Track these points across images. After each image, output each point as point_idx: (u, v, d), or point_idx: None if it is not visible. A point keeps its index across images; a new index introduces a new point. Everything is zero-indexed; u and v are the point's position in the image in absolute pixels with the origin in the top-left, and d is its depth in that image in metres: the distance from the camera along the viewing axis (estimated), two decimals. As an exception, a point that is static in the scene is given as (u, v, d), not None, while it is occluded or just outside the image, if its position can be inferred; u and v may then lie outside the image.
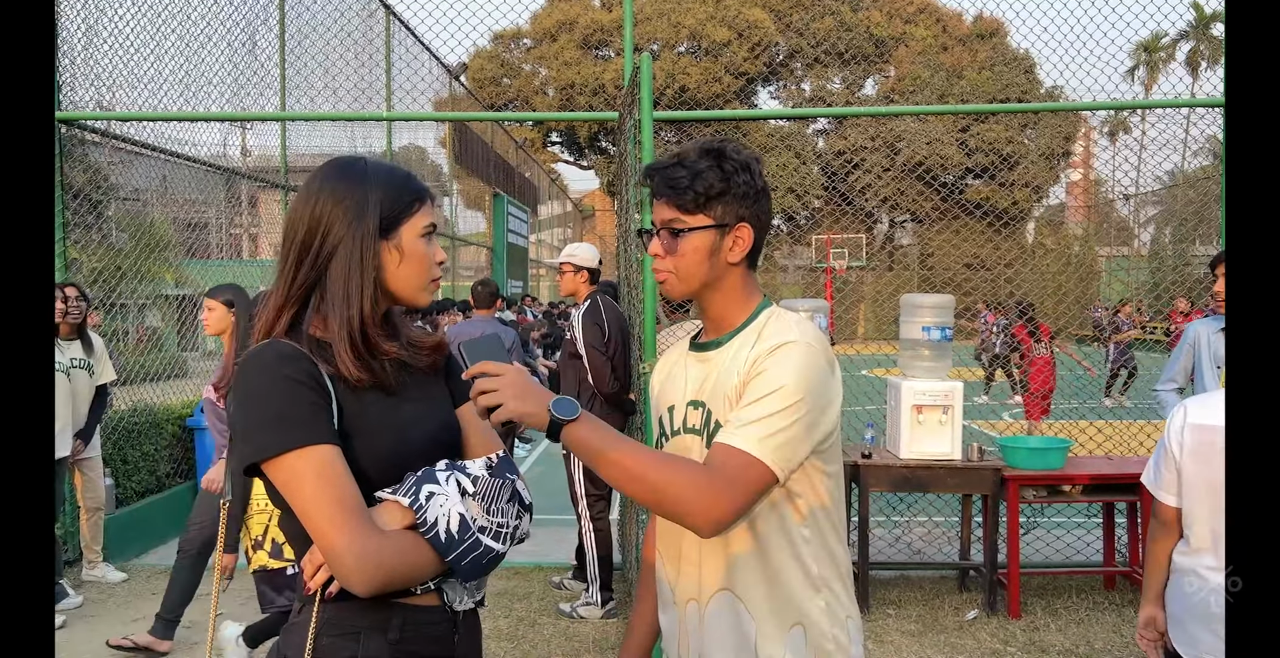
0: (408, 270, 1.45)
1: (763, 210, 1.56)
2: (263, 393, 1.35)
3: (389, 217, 1.44)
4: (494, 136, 18.02)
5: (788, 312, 1.59)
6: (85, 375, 5.08)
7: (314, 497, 1.31)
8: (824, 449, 1.50)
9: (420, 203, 1.48)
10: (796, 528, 1.50)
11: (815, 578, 1.51)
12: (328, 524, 1.30)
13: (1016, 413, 12.35)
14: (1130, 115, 33.95)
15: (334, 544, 1.30)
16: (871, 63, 30.93)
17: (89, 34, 5.94)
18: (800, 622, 1.50)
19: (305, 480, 1.31)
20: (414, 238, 1.46)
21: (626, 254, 5.11)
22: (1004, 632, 4.36)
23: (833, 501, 1.54)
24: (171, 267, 10.98)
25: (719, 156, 1.53)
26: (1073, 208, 33.15)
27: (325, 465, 1.33)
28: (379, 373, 1.42)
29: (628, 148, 4.87)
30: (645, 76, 4.05)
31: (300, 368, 1.36)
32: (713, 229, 1.54)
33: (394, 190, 1.46)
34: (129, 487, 5.95)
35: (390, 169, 1.50)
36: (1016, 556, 4.63)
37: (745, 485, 1.40)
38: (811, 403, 1.44)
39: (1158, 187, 26.67)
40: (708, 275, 1.56)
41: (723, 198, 1.53)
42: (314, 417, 1.34)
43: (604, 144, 32.25)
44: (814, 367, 1.46)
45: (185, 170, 8.97)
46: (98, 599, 4.96)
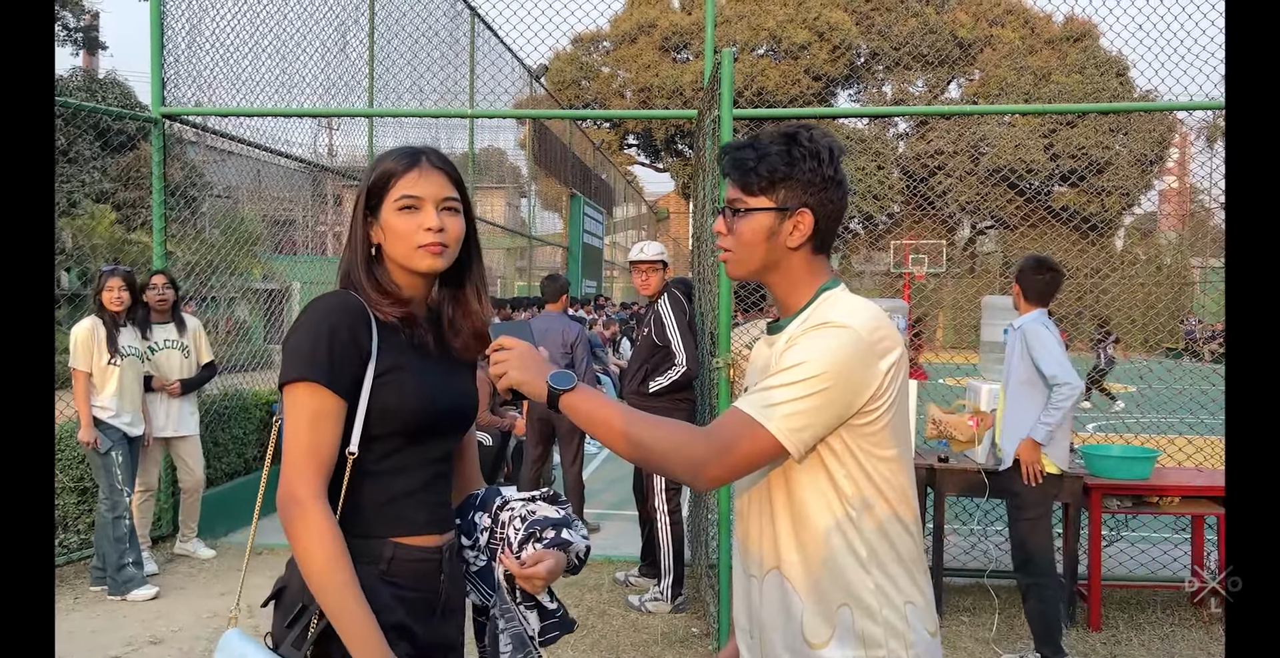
0: (393, 243, 1.59)
1: (830, 199, 1.54)
2: (301, 332, 1.53)
3: (372, 196, 1.61)
4: (572, 138, 18.21)
5: (850, 296, 1.57)
6: (179, 355, 5.39)
7: (296, 430, 1.48)
8: (869, 431, 1.48)
9: (397, 177, 1.59)
10: (844, 510, 1.49)
11: (865, 560, 1.49)
12: (298, 459, 1.48)
13: (1103, 426, 11.98)
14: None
15: (290, 474, 1.48)
16: (956, 65, 30.34)
17: (192, 33, 6.19)
18: (847, 603, 1.48)
19: (299, 412, 1.49)
20: (391, 213, 1.59)
21: (701, 253, 5.13)
22: (1083, 644, 4.25)
23: (892, 484, 1.51)
24: (260, 261, 11.37)
25: (790, 141, 1.53)
26: (1166, 216, 31.94)
27: (320, 408, 1.49)
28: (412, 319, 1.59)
29: (705, 145, 4.89)
30: (726, 73, 4.06)
31: (347, 322, 1.53)
32: (773, 212, 1.54)
33: (377, 173, 1.61)
34: (219, 468, 6.19)
35: (393, 151, 1.63)
36: (1098, 566, 4.50)
37: (741, 446, 1.43)
38: (834, 380, 1.43)
39: (1257, 194, 25.45)
40: (765, 258, 1.57)
41: (786, 182, 1.53)
42: (331, 364, 1.50)
43: (680, 147, 32.30)
44: (847, 348, 1.44)
45: (275, 169, 9.29)
46: (189, 573, 5.18)
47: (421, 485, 1.61)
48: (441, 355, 1.66)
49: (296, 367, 1.50)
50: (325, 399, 1.49)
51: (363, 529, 1.56)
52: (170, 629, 4.30)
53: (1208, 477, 4.74)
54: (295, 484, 1.47)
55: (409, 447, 1.59)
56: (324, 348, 1.49)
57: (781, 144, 1.54)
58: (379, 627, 1.46)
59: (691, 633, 4.34)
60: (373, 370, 1.53)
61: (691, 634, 4.32)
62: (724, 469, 1.45)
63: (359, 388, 1.53)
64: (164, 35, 5.92)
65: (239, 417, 6.44)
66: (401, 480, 1.59)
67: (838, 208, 1.56)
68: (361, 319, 1.54)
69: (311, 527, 1.46)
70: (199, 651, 4.05)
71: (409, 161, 1.60)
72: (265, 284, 12.38)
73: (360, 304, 1.56)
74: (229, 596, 4.78)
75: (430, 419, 1.59)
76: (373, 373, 1.53)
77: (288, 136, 7.83)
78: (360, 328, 1.54)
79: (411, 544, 1.59)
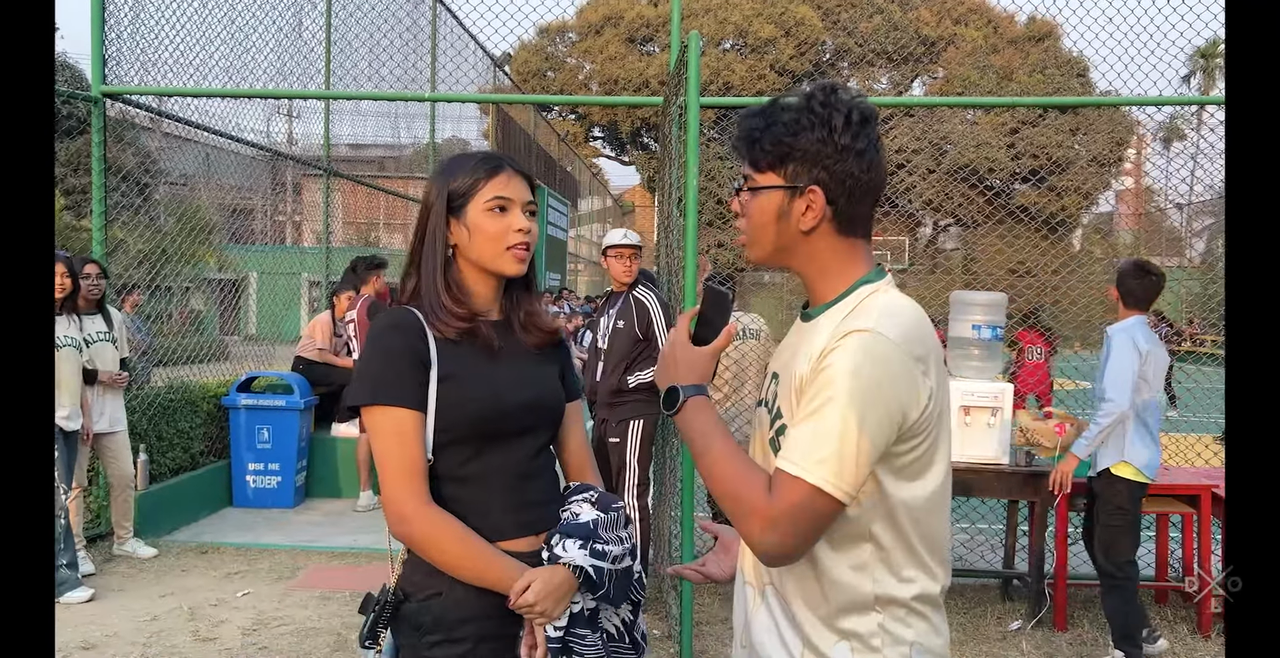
0: (479, 243, 1.62)
1: (848, 172, 1.33)
2: (369, 353, 1.60)
3: (456, 197, 1.63)
4: (536, 129, 17.99)
5: (889, 294, 1.36)
6: (111, 348, 5.16)
7: (385, 451, 1.55)
8: (902, 463, 1.30)
9: (485, 180, 1.62)
10: (853, 542, 1.32)
11: (870, 596, 1.33)
12: (392, 479, 1.55)
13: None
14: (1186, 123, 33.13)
15: (391, 496, 1.55)
16: (920, 63, 30.53)
17: (136, 9, 5.93)
18: (848, 639, 1.33)
19: (382, 435, 1.56)
20: (480, 213, 1.61)
21: (668, 243, 5.00)
22: (1049, 645, 4.19)
23: (911, 518, 1.33)
24: (215, 251, 11.08)
25: (803, 106, 1.34)
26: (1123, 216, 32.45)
27: (398, 426, 1.55)
28: (474, 332, 1.62)
29: (672, 132, 4.75)
30: (693, 57, 3.92)
31: (402, 338, 1.58)
32: (781, 190, 1.36)
33: (463, 172, 1.63)
34: (163, 463, 5.95)
35: (472, 154, 1.68)
36: (1064, 566, 4.45)
37: (803, 516, 1.24)
38: (871, 405, 1.24)
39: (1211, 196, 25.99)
40: (778, 242, 1.39)
41: (793, 155, 1.33)
42: (400, 382, 1.56)
43: (646, 140, 32.15)
44: (878, 362, 1.25)
45: (231, 156, 9.02)
46: (128, 574, 4.96)
47: (509, 488, 1.62)
48: (514, 354, 1.67)
49: (366, 391, 1.57)
50: (399, 416, 1.55)
51: None
52: (105, 634, 4.08)
53: (1173, 475, 4.70)
54: (396, 503, 1.54)
55: (488, 449, 1.61)
56: (381, 365, 1.57)
57: (794, 111, 1.34)
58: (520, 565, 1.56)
59: (653, 634, 4.22)
60: (435, 377, 1.58)
61: (653, 636, 4.20)
62: (795, 547, 1.26)
63: (427, 397, 1.58)
64: (105, 10, 5.66)
65: (185, 410, 6.20)
66: (485, 486, 1.61)
67: (861, 182, 1.34)
68: (415, 331, 1.59)
69: (428, 532, 1.54)
70: (134, 656, 3.84)
71: (495, 164, 1.64)
72: (221, 274, 12.06)
73: (414, 318, 1.60)
74: (170, 597, 4.57)
75: (498, 417, 1.61)
76: (436, 379, 1.58)
77: (240, 122, 7.57)
78: (415, 339, 1.58)
79: (508, 550, 1.59)
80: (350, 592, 4.69)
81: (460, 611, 1.56)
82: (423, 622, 1.57)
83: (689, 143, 3.92)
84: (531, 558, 1.59)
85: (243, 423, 6.47)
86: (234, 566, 5.16)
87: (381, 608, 1.59)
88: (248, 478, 6.49)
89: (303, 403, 6.52)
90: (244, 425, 6.47)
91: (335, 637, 4.09)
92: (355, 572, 5.08)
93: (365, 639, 1.59)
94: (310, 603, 4.54)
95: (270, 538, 5.72)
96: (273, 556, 5.36)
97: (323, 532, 5.89)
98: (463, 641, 1.56)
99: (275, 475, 6.49)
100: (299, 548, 5.51)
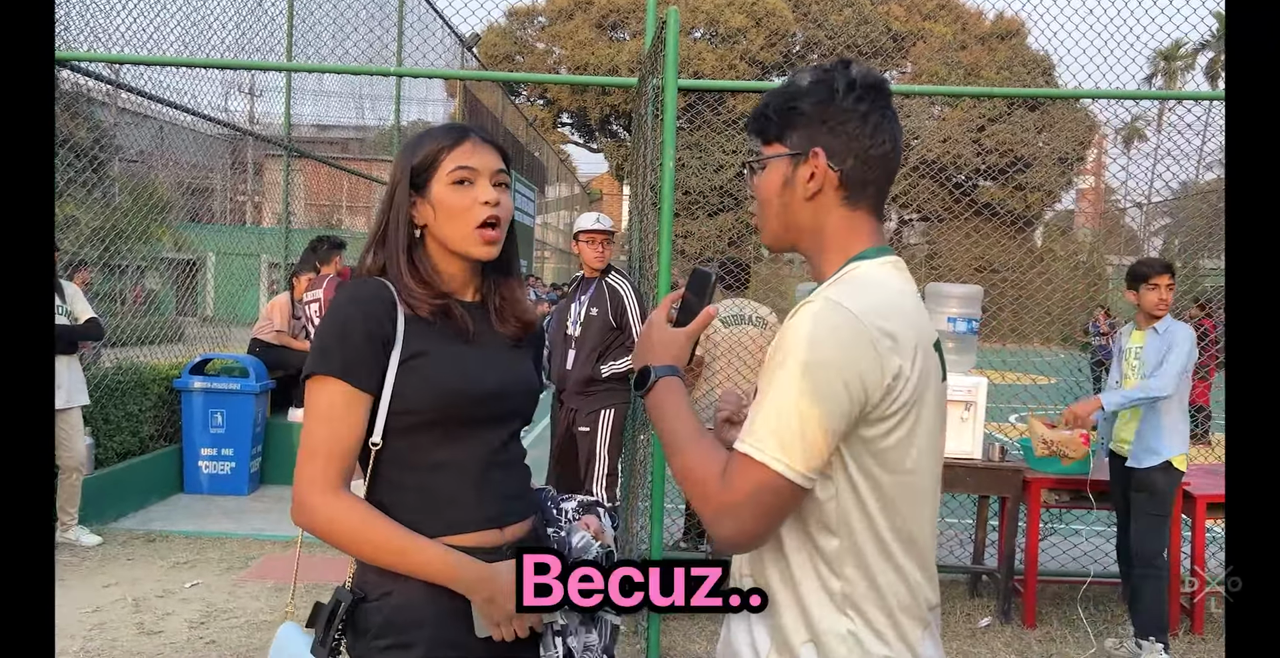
0: (444, 221, 1.48)
1: (853, 134, 1.27)
2: (326, 323, 1.46)
3: (419, 172, 1.49)
4: (504, 112, 17.74)
5: (880, 271, 1.28)
6: (65, 321, 4.91)
7: (309, 428, 1.42)
8: (878, 447, 1.21)
9: (448, 150, 1.49)
10: (818, 537, 1.23)
11: (839, 598, 1.23)
12: (305, 458, 1.41)
13: (1020, 418, 12.16)
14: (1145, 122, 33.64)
15: (298, 475, 1.42)
16: (889, 58, 30.62)
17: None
18: (813, 641, 1.23)
19: (313, 409, 1.43)
20: (443, 188, 1.48)
21: (642, 228, 4.87)
22: (1019, 642, 4.15)
23: (886, 514, 1.23)
24: (171, 230, 10.76)
25: (807, 77, 1.30)
26: (1083, 214, 32.92)
27: (331, 401, 1.41)
28: (447, 311, 1.49)
29: (646, 113, 4.61)
30: (672, 34, 3.78)
31: (363, 311, 1.44)
32: (786, 159, 1.30)
33: (423, 146, 1.50)
34: (110, 447, 5.72)
35: (438, 127, 1.54)
36: (1035, 563, 4.41)
37: (761, 498, 1.16)
38: (823, 372, 1.15)
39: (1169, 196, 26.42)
40: (784, 216, 1.32)
41: (795, 121, 1.29)
42: (351, 356, 1.42)
43: (615, 128, 31.93)
44: (830, 330, 1.17)
45: (189, 134, 8.73)
46: (70, 563, 4.74)
47: (476, 478, 1.49)
48: (488, 339, 1.55)
49: (312, 360, 1.44)
50: (336, 391, 1.42)
51: (416, 527, 1.44)
52: (43, 626, 3.88)
53: (1143, 472, 4.67)
54: (299, 486, 1.42)
55: (454, 436, 1.48)
56: (336, 338, 1.43)
57: (801, 80, 1.30)
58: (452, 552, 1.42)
59: (619, 631, 4.11)
60: (397, 357, 1.44)
61: (619, 632, 4.09)
62: (751, 533, 1.18)
63: (384, 377, 1.44)
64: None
65: (134, 392, 5.96)
66: (449, 475, 1.48)
67: (867, 146, 1.27)
68: (384, 305, 1.45)
69: (327, 522, 1.41)
70: (74, 650, 3.65)
71: (458, 135, 1.51)
72: (178, 254, 11.75)
73: (386, 291, 1.47)
74: (114, 588, 4.38)
75: (467, 403, 1.48)
76: (397, 359, 1.44)
77: (198, 97, 7.30)
78: (382, 314, 1.45)
79: (468, 546, 1.45)
80: (305, 584, 4.50)
81: (412, 612, 1.43)
82: (371, 624, 1.45)
83: (665, 122, 3.79)
84: (492, 555, 1.45)
85: (195, 407, 6.25)
86: (183, 555, 4.96)
87: (332, 616, 1.45)
88: (200, 464, 6.27)
89: (258, 387, 6.31)
90: (197, 409, 6.25)
91: (288, 631, 3.93)
92: (310, 562, 4.87)
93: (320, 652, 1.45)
94: (263, 595, 4.37)
95: (222, 526, 5.52)
96: (224, 545, 5.17)
97: (277, 520, 5.70)
98: (414, 646, 1.43)
99: (229, 461, 6.28)
100: (252, 537, 5.32)
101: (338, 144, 24.20)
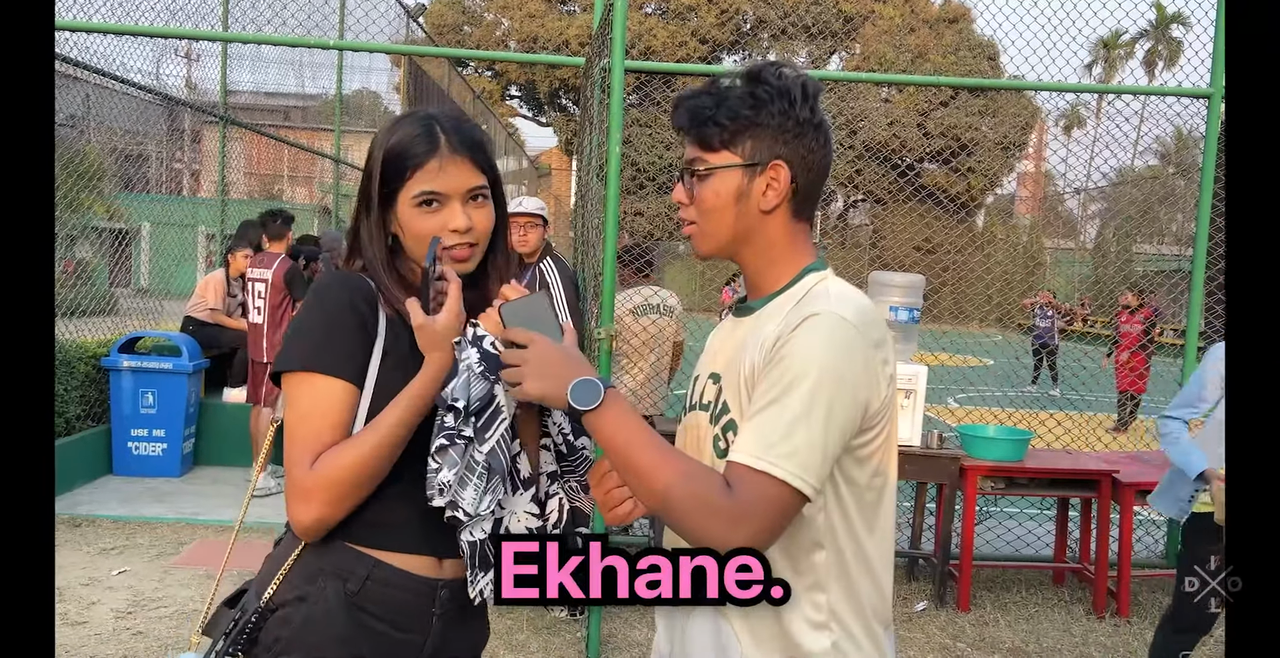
0: (413, 242, 1.38)
1: (809, 147, 1.26)
2: (309, 314, 1.35)
3: (387, 187, 1.38)
4: (451, 84, 17.41)
5: (839, 282, 1.30)
6: None
7: (297, 422, 1.30)
8: (862, 455, 1.22)
9: (413, 169, 1.35)
10: (808, 552, 1.23)
11: (824, 610, 1.24)
12: (298, 455, 1.28)
13: (962, 399, 12.41)
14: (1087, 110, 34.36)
15: (290, 484, 1.29)
16: (838, 39, 30.71)
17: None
18: (796, 656, 1.24)
19: (294, 406, 1.31)
20: (407, 210, 1.37)
21: (585, 212, 4.81)
22: (953, 626, 4.23)
23: (864, 520, 1.25)
24: (104, 199, 10.39)
25: (754, 80, 1.25)
26: (1022, 199, 33.56)
27: (328, 398, 1.30)
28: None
29: (594, 96, 4.54)
30: (619, 17, 3.73)
31: (349, 300, 1.34)
32: (739, 169, 1.26)
33: (389, 155, 1.37)
34: (33, 430, 5.51)
35: (414, 121, 1.38)
36: (970, 548, 4.49)
37: (767, 512, 1.13)
38: (836, 390, 1.15)
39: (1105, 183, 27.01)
40: (735, 227, 1.28)
41: (752, 130, 1.25)
42: (340, 349, 1.32)
43: (564, 101, 31.61)
44: (841, 347, 1.17)
45: (121, 98, 8.40)
46: (-11, 550, 4.57)
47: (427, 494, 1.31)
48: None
49: (297, 356, 1.32)
50: (330, 387, 1.31)
51: (346, 534, 1.33)
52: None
53: (1075, 460, 4.80)
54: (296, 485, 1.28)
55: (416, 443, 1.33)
56: (322, 331, 1.32)
57: (746, 84, 1.25)
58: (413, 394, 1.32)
59: (559, 617, 4.10)
60: (379, 351, 1.34)
61: (559, 619, 4.08)
62: (748, 530, 1.13)
63: (366, 372, 1.34)
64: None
65: (60, 371, 5.75)
66: (402, 485, 1.33)
67: (819, 158, 1.28)
68: (367, 298, 1.36)
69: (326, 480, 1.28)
70: (-7, 643, 3.53)
71: (426, 146, 1.35)
72: (111, 223, 11.37)
73: (368, 285, 1.37)
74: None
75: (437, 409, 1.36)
76: (379, 354, 1.34)
77: (127, 61, 7.01)
78: (365, 308, 1.35)
79: (397, 566, 1.33)
80: (238, 570, 4.40)
81: (329, 625, 1.28)
82: (277, 638, 1.29)
83: (612, 108, 3.74)
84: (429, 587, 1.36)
85: (125, 386, 6.05)
86: (110, 540, 4.82)
87: (236, 630, 1.32)
88: (130, 444, 6.09)
89: (191, 366, 6.13)
90: (126, 389, 6.05)
91: (220, 620, 3.84)
92: (245, 548, 4.76)
93: None
94: (193, 583, 4.26)
95: (152, 510, 5.37)
96: (154, 529, 5.04)
97: (210, 504, 5.57)
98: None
99: (160, 443, 6.11)
100: (183, 521, 5.19)
101: (279, 112, 23.55)
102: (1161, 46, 40.48)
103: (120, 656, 3.50)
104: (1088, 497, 4.66)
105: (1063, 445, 5.66)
